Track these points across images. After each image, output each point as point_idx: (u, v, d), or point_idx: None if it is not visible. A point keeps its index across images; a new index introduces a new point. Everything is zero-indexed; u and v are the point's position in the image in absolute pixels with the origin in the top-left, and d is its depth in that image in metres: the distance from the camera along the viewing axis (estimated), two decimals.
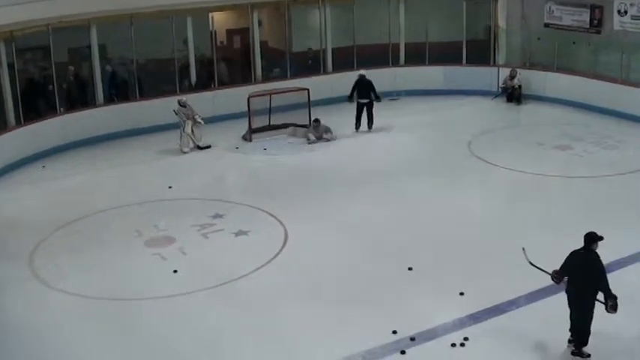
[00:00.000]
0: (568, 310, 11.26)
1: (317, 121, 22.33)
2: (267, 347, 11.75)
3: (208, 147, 21.92)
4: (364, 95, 23.11)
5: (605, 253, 14.04)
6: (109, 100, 23.54)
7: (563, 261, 11.29)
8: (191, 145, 21.65)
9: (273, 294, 13.37)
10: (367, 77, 23.23)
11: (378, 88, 24.29)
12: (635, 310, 12.25)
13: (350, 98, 23.53)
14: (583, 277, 11.06)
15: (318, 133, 22.28)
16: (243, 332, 12.16)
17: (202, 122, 21.70)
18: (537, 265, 11.95)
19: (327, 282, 13.63)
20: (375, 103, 23.21)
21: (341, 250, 14.96)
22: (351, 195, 17.89)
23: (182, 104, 21.57)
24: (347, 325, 12.18)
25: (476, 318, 12.24)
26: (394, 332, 11.86)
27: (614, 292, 10.94)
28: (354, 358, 11.33)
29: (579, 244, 14.65)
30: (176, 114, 21.70)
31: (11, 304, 13.39)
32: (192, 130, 21.60)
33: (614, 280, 13.26)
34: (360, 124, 23.10)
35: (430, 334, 11.84)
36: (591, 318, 11.07)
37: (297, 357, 11.55)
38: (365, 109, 23.08)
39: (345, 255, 14.76)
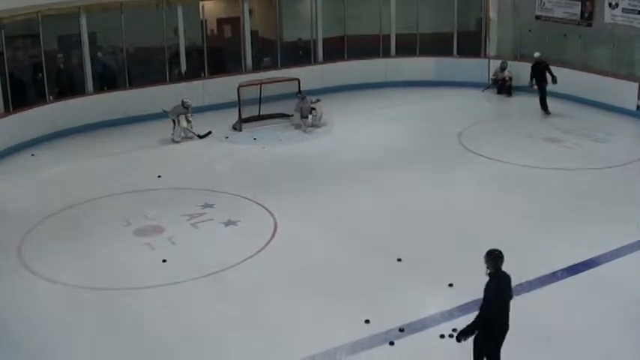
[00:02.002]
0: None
1: (300, 92, 22.64)
2: (255, 337, 11.74)
3: (209, 133, 21.92)
4: (541, 78, 23.57)
5: (595, 246, 14.22)
6: (99, 88, 23.47)
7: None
8: (189, 135, 21.59)
9: (262, 284, 13.37)
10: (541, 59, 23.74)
11: (368, 79, 24.39)
12: (623, 304, 12.31)
13: (532, 83, 23.94)
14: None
15: (305, 105, 22.29)
16: (232, 322, 12.16)
17: (192, 121, 21.65)
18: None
19: (315, 272, 13.62)
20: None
21: (330, 240, 14.95)
22: (340, 186, 17.89)
23: (186, 106, 21.48)
24: (336, 315, 12.18)
25: (465, 309, 12.22)
26: (367, 322, 11.88)
27: (601, 283, 10.90)
28: (342, 349, 11.32)
29: (567, 236, 14.84)
30: (166, 113, 21.66)
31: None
32: (187, 123, 21.52)
33: (603, 273, 13.44)
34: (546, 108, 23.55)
35: (419, 326, 11.86)
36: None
37: (285, 347, 11.53)
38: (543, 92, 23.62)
39: (334, 246, 14.76)
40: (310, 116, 22.43)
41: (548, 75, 23.39)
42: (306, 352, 11.25)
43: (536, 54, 23.74)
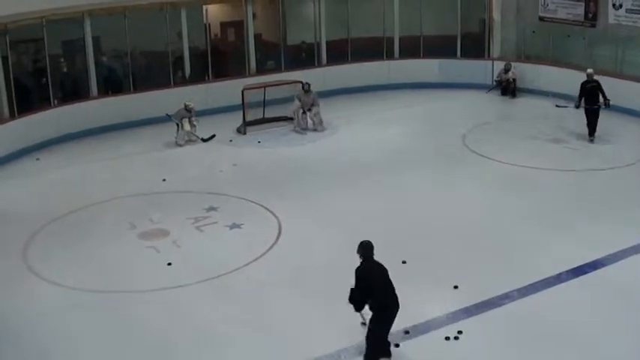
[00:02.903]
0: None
1: (308, 84, 22.44)
2: (259, 340, 11.76)
3: (213, 136, 21.94)
4: (593, 99, 20.58)
5: (599, 247, 14.21)
6: (104, 92, 23.51)
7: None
8: (192, 138, 21.62)
9: (267, 287, 13.38)
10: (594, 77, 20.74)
11: (371, 81, 24.29)
12: (627, 305, 12.29)
13: (580, 103, 20.84)
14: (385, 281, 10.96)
15: (309, 98, 22.21)
16: (237, 325, 12.15)
17: (197, 125, 21.69)
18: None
19: (320, 275, 13.62)
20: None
21: (334, 243, 14.93)
22: (345, 188, 17.89)
23: (188, 109, 21.51)
24: (340, 318, 12.15)
25: (470, 311, 12.26)
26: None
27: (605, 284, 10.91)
28: (347, 350, 11.34)
29: (572, 237, 14.82)
30: (169, 117, 21.72)
31: (5, 298, 13.33)
32: (190, 127, 21.58)
33: (607, 274, 13.44)
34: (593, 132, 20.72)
35: (424, 328, 11.86)
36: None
37: (290, 350, 11.54)
38: (593, 115, 20.64)
39: (338, 248, 14.71)
40: (309, 119, 22.43)
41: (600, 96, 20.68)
42: (310, 354, 11.27)
43: (589, 70, 20.85)
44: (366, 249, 11.06)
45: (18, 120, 21.13)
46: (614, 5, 23.52)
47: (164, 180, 18.69)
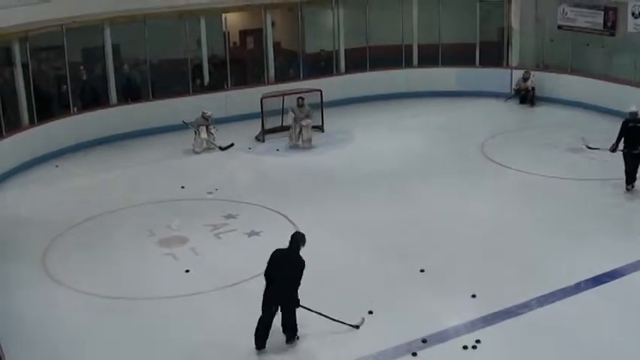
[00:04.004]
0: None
1: (302, 99, 21.95)
2: (277, 348, 11.75)
3: (232, 145, 21.99)
4: (635, 142, 17.13)
5: (618, 257, 14.14)
6: (123, 100, 23.62)
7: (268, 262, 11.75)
8: (211, 146, 21.68)
9: None
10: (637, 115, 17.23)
11: (390, 90, 24.08)
12: None
13: (616, 146, 17.47)
14: (286, 275, 11.65)
15: (302, 113, 21.75)
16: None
17: (215, 134, 21.76)
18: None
19: (338, 283, 13.62)
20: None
21: (353, 251, 14.95)
22: (363, 196, 17.89)
23: (206, 117, 21.58)
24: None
25: (488, 320, 12.22)
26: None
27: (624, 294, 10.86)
28: (365, 359, 11.33)
29: (591, 247, 14.75)
30: (186, 124, 21.80)
31: (24, 303, 13.41)
32: (208, 135, 21.64)
33: (626, 284, 13.36)
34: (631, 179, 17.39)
35: (442, 336, 11.83)
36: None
37: (308, 358, 11.55)
38: (633, 160, 17.25)
39: (356, 256, 14.76)
40: (300, 130, 21.84)
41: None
42: None
43: (633, 108, 17.22)
44: (292, 238, 11.99)
45: (38, 127, 21.24)
46: (633, 14, 23.43)
47: (183, 187, 18.74)
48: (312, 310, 11.89)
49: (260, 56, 25.76)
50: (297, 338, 11.88)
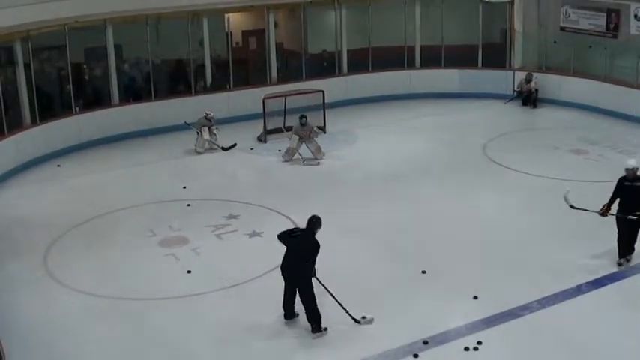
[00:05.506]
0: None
1: (304, 117, 20.96)
2: (279, 349, 11.75)
3: (234, 145, 21.98)
4: (632, 205, 13.95)
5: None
6: (125, 100, 23.62)
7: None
8: (213, 147, 21.68)
9: None
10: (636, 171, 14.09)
11: (392, 91, 24.00)
12: None
13: (608, 208, 14.28)
14: (302, 250, 12.08)
15: (304, 131, 20.86)
16: (256, 333, 12.16)
17: (217, 134, 21.76)
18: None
19: (339, 284, 13.54)
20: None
21: (354, 252, 14.95)
22: (365, 197, 17.89)
23: (208, 118, 21.58)
24: (360, 327, 12.16)
25: (489, 322, 12.22)
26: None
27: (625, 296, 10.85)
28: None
29: (592, 248, 14.72)
30: (188, 125, 21.81)
31: (25, 303, 13.42)
32: (210, 136, 21.63)
33: (627, 286, 13.36)
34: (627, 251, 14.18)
35: (443, 338, 11.83)
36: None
37: (310, 358, 11.55)
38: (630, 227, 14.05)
39: (358, 257, 14.76)
40: (308, 147, 20.94)
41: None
42: None
43: (631, 163, 14.20)
44: (309, 222, 12.31)
45: (39, 127, 21.24)
46: (635, 16, 23.43)
47: (184, 187, 18.74)
48: (324, 286, 12.17)
49: (262, 57, 25.75)
50: (325, 329, 11.98)
